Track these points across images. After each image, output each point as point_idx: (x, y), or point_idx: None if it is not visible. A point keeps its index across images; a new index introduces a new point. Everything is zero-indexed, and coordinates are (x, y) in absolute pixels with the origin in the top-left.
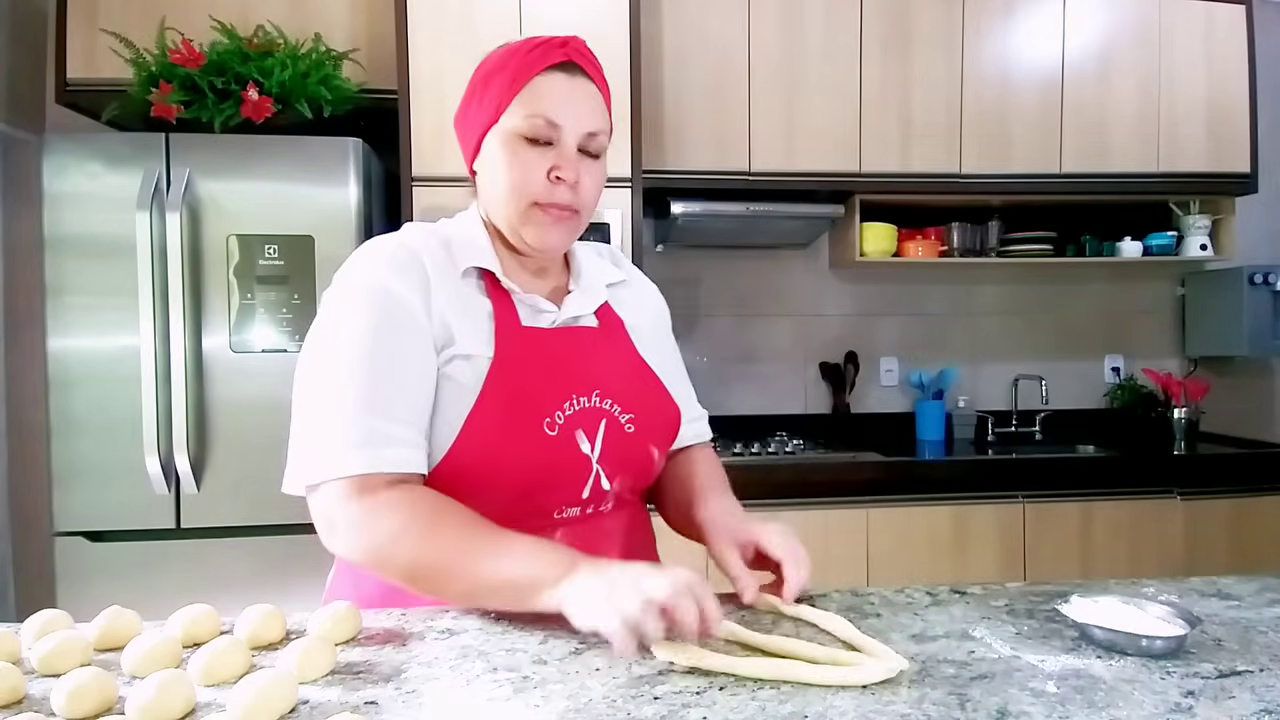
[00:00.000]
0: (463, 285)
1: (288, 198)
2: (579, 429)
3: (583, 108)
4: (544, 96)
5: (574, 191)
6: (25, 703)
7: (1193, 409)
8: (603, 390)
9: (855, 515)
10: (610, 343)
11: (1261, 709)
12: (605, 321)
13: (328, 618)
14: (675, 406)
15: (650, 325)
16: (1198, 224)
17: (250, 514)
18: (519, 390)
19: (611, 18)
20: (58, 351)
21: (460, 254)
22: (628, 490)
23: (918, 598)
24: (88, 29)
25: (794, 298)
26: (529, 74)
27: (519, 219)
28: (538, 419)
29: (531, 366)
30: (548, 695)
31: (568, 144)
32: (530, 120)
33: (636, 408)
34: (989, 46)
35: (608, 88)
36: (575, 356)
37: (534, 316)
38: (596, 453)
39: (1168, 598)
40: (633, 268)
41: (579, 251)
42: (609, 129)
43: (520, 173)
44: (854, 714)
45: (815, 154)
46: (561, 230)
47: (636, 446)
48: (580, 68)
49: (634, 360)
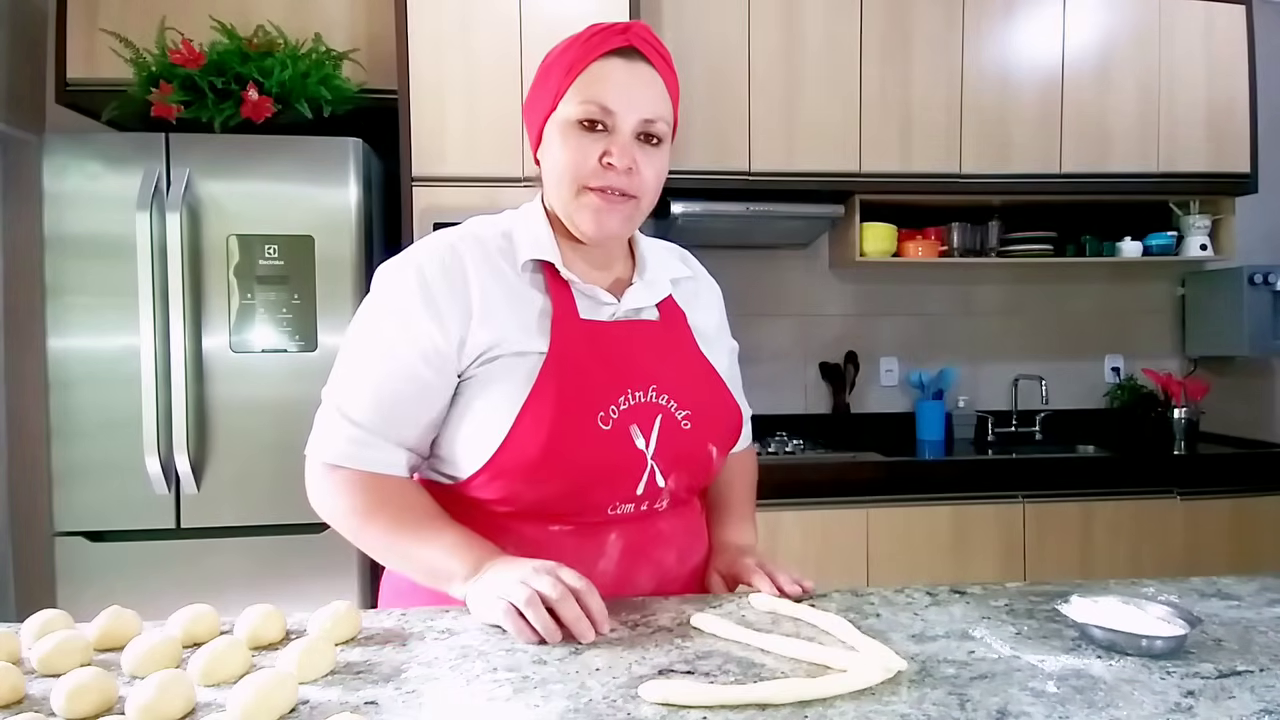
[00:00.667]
0: (518, 281)
1: (288, 198)
2: (633, 424)
3: (639, 93)
4: (599, 82)
5: (628, 177)
6: (25, 703)
7: (1193, 409)
8: (659, 385)
9: (855, 515)
10: (671, 337)
11: (1261, 709)
12: (667, 315)
13: (328, 618)
14: (737, 407)
15: (715, 325)
16: (1198, 224)
17: (250, 514)
18: (573, 384)
19: (611, 17)
20: (58, 351)
21: (520, 246)
22: (684, 489)
23: (918, 598)
24: (88, 29)
25: (794, 298)
26: (586, 60)
27: (573, 204)
28: (591, 413)
29: (587, 360)
30: (548, 695)
31: (623, 130)
32: (584, 106)
33: (694, 405)
34: (989, 46)
35: (674, 74)
36: (633, 350)
37: (593, 308)
38: (651, 449)
39: (1168, 598)
40: (700, 267)
41: (645, 244)
42: (671, 116)
43: (573, 157)
44: (854, 714)
45: (815, 154)
46: (616, 216)
47: (693, 444)
48: (641, 54)
49: (695, 357)
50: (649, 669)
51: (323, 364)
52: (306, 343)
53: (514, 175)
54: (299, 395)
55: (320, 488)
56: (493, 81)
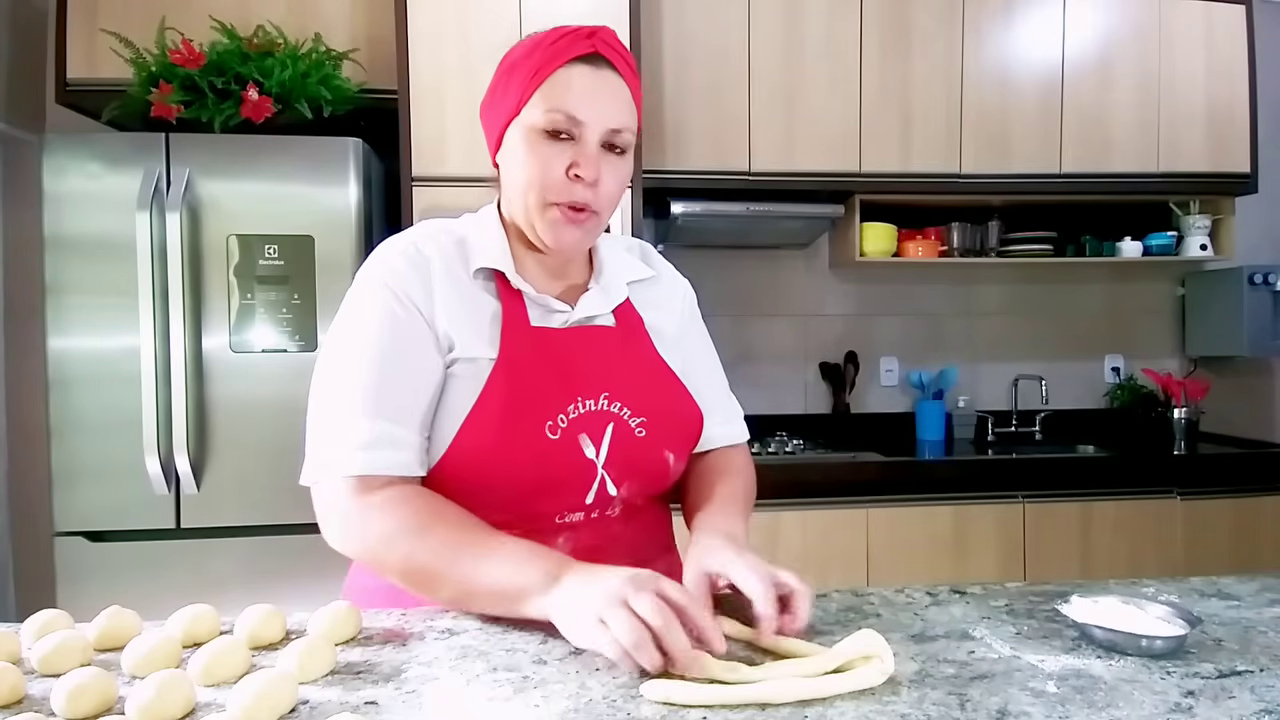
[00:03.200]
0: (472, 286)
1: (288, 198)
2: (583, 433)
3: (607, 102)
4: (566, 90)
5: (593, 190)
6: (25, 703)
7: (1193, 409)
8: (612, 393)
9: (855, 515)
10: (627, 343)
11: (1261, 709)
12: (624, 321)
13: (328, 618)
14: (697, 410)
15: (676, 325)
16: (1198, 224)
17: (250, 514)
18: (520, 392)
19: (611, 17)
20: (58, 351)
21: (473, 253)
22: (638, 495)
23: (918, 598)
24: (88, 29)
25: (794, 298)
26: (552, 66)
27: (535, 216)
28: (539, 422)
29: (536, 368)
30: (548, 695)
31: (589, 140)
32: (550, 115)
33: (650, 411)
34: (989, 46)
35: (638, 81)
36: (585, 358)
37: (545, 316)
38: (602, 457)
39: (1168, 598)
40: (663, 263)
41: (603, 248)
42: (636, 125)
43: (538, 168)
44: (854, 714)
45: (815, 154)
46: (578, 231)
47: (648, 451)
48: (607, 60)
49: (652, 361)
50: (650, 669)
51: None
52: (306, 343)
53: None
54: (299, 395)
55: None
56: None
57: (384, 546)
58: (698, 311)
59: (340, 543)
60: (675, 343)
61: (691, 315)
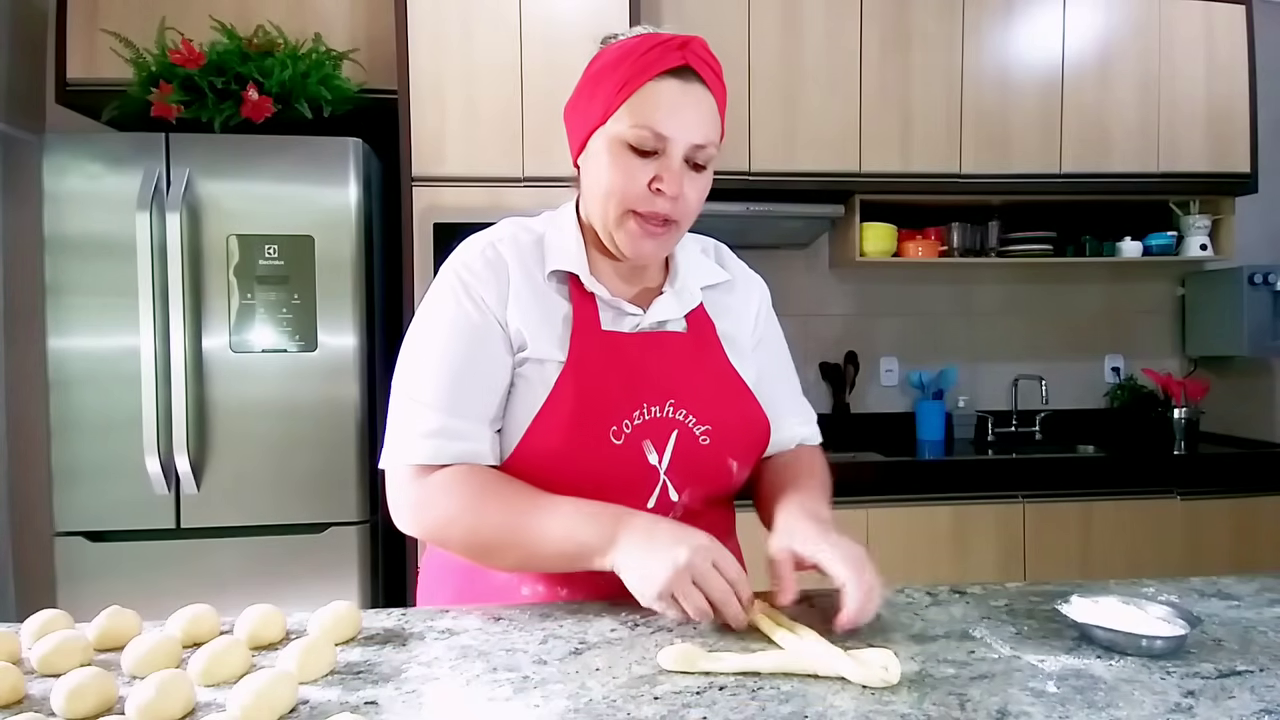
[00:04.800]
0: (545, 287)
1: (288, 198)
2: (647, 439)
3: (692, 119)
4: (654, 105)
5: (674, 203)
6: (25, 703)
7: (1193, 409)
8: (678, 400)
9: (855, 515)
10: (697, 350)
11: (1261, 709)
12: (695, 327)
13: (328, 618)
14: (764, 419)
15: (749, 331)
16: (1198, 224)
17: (250, 514)
18: (587, 397)
19: (611, 17)
20: (58, 351)
21: (549, 253)
22: (699, 501)
23: (918, 598)
24: (88, 29)
25: (794, 298)
26: (641, 79)
27: (614, 224)
28: (604, 427)
29: (604, 372)
30: (548, 695)
31: (673, 156)
32: (637, 130)
33: (715, 419)
34: (989, 46)
35: (724, 91)
36: (653, 364)
37: (616, 320)
38: (665, 464)
39: (1168, 598)
40: (739, 264)
41: (680, 250)
42: (719, 139)
43: (622, 179)
44: (854, 714)
45: (815, 154)
46: (656, 241)
47: (712, 459)
48: (696, 73)
49: (722, 369)
50: (649, 669)
51: (323, 364)
52: (306, 343)
53: (514, 175)
54: (299, 395)
55: (415, 498)
56: (493, 81)
57: (447, 526)
58: (773, 314)
59: (408, 524)
60: (748, 350)
61: (767, 319)
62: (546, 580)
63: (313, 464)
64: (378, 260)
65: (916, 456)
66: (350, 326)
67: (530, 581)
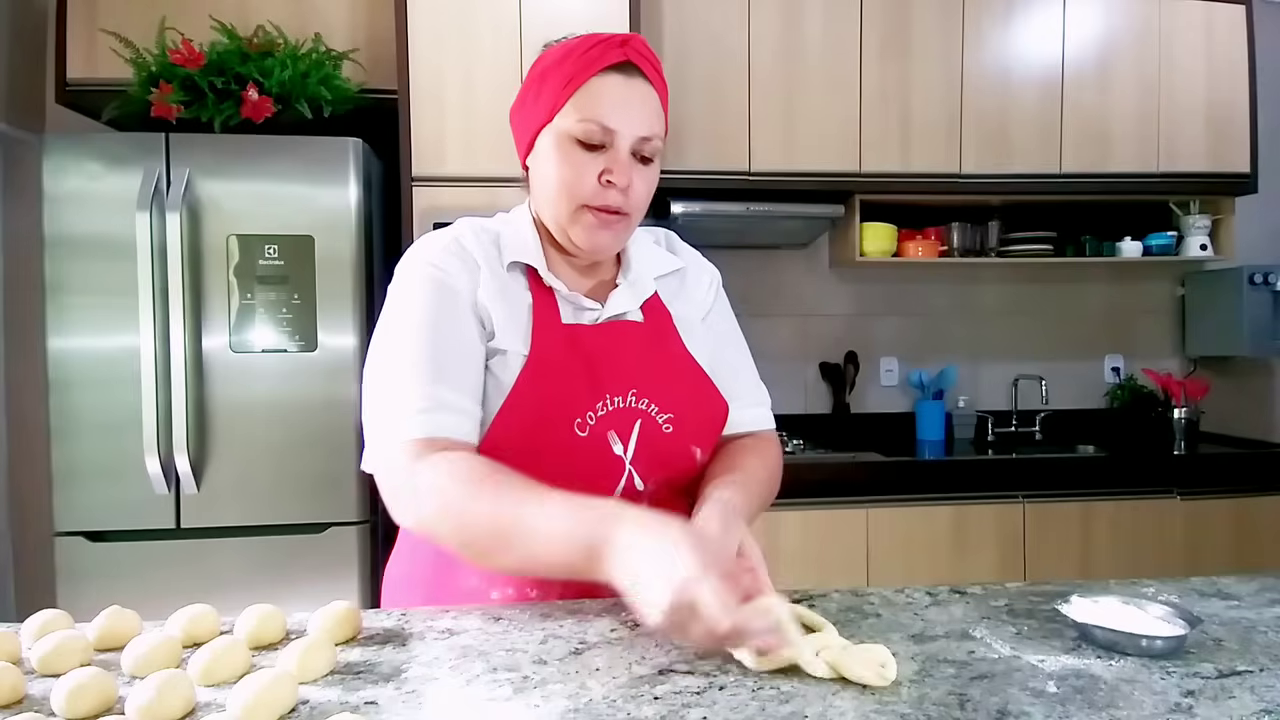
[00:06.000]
0: (508, 279)
1: (288, 198)
2: (611, 430)
3: (638, 111)
4: (599, 99)
5: (624, 195)
6: (25, 703)
7: (1193, 409)
8: (639, 389)
9: (855, 515)
10: (654, 338)
11: (1261, 709)
12: (651, 316)
13: (328, 618)
14: (722, 403)
15: (700, 315)
16: (1198, 224)
17: (250, 514)
18: (550, 390)
19: (611, 17)
20: (58, 351)
21: (507, 248)
22: (664, 489)
23: (918, 598)
24: (88, 29)
25: (794, 298)
26: (585, 75)
27: (567, 220)
28: (568, 420)
29: (566, 365)
30: (548, 695)
31: (621, 148)
32: (584, 124)
33: (676, 407)
34: (989, 46)
35: (665, 87)
36: (614, 355)
37: (576, 313)
38: (630, 454)
39: (1168, 598)
40: (689, 251)
41: (632, 244)
42: (664, 132)
43: (571, 174)
44: (854, 714)
45: (815, 154)
46: (609, 233)
47: (675, 446)
48: (638, 68)
49: (679, 356)
50: (649, 669)
51: (323, 364)
52: (306, 343)
53: (514, 175)
54: (299, 395)
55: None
56: (493, 82)
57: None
58: (724, 296)
59: (403, 517)
60: (701, 333)
61: (717, 298)
62: (517, 584)
63: (313, 464)
64: (378, 260)
65: (916, 456)
66: (350, 326)
67: (500, 585)
